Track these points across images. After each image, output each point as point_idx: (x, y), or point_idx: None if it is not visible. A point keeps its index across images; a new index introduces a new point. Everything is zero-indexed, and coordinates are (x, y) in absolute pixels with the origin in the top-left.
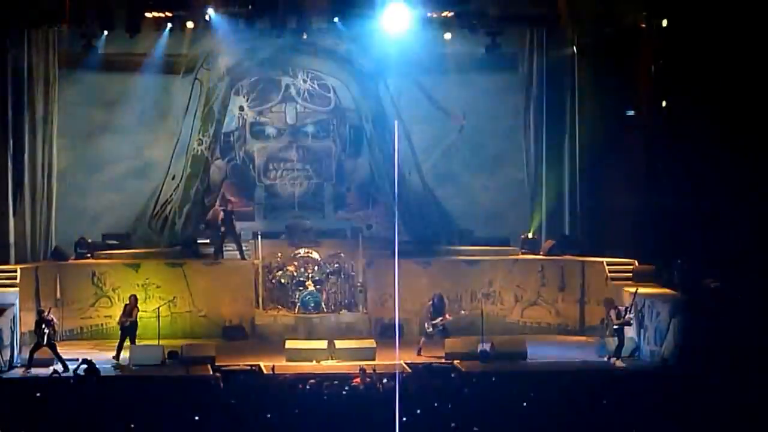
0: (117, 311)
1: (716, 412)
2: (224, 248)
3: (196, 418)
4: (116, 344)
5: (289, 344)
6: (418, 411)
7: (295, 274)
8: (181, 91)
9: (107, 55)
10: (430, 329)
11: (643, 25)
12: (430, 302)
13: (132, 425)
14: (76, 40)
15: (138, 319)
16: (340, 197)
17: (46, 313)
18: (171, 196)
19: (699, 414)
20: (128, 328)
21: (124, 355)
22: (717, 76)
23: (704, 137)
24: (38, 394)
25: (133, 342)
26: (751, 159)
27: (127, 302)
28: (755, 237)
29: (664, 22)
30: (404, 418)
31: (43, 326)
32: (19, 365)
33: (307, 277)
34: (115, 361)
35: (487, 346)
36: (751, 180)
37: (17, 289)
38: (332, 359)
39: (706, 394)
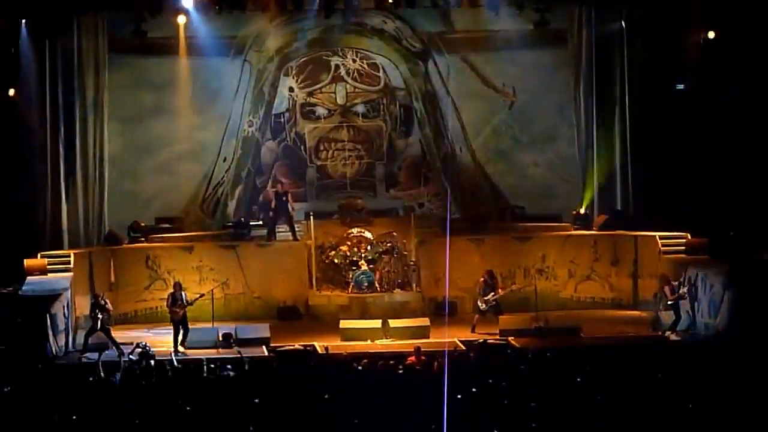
0: (167, 292)
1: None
2: (276, 229)
3: (256, 400)
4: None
5: (343, 324)
6: (474, 389)
7: (348, 253)
8: (231, 74)
9: (156, 38)
10: (483, 306)
11: None
12: (482, 279)
13: (188, 408)
14: (124, 24)
15: (188, 303)
16: (391, 176)
17: (100, 298)
18: (222, 178)
19: (755, 385)
20: (181, 321)
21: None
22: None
23: (754, 109)
24: (91, 379)
25: (186, 330)
26: None
27: (172, 290)
28: None
29: None
30: (459, 396)
31: (98, 311)
32: (73, 350)
33: (360, 257)
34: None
35: (541, 322)
36: None
37: (71, 274)
38: (386, 338)
39: (762, 365)
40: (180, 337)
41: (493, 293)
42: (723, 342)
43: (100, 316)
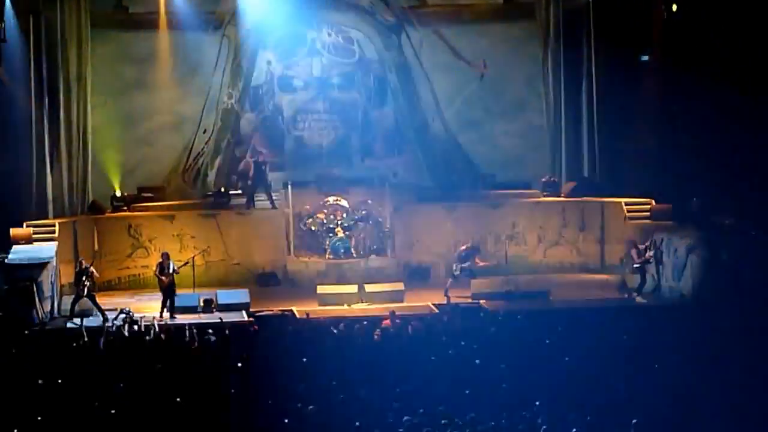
0: (153, 261)
1: (732, 345)
2: (255, 198)
3: (239, 365)
4: (155, 295)
5: (321, 289)
6: (449, 351)
7: (324, 221)
8: (210, 48)
9: (137, 14)
10: (458, 272)
11: None
12: (464, 247)
13: (170, 373)
14: None
15: (174, 272)
16: (366, 146)
17: (85, 265)
18: (203, 149)
19: (716, 347)
20: (168, 288)
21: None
22: (728, 20)
23: (717, 79)
24: (74, 345)
25: (173, 300)
26: (765, 98)
27: (160, 259)
28: None
29: None
30: (433, 357)
31: (83, 278)
32: (59, 316)
33: (337, 224)
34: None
35: (511, 286)
36: (765, 118)
37: (56, 242)
38: (362, 302)
39: (722, 327)
40: (168, 304)
41: (468, 263)
42: (686, 304)
43: (86, 283)
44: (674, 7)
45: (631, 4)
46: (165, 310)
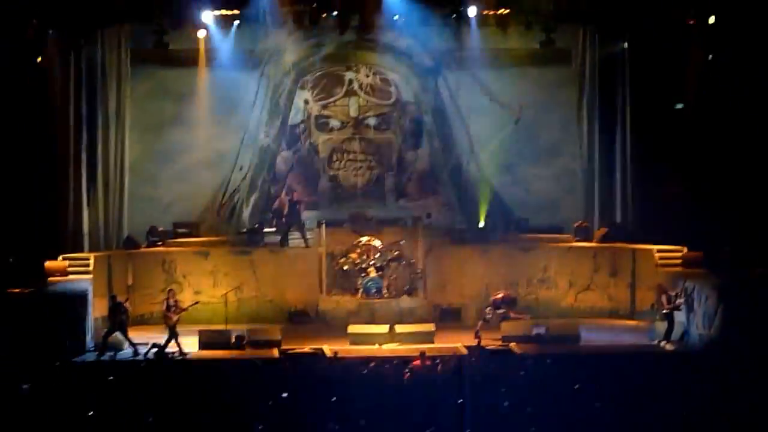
0: (187, 296)
1: (759, 394)
2: (289, 236)
3: (270, 403)
4: (186, 330)
5: (352, 328)
6: (478, 393)
7: (357, 261)
8: (249, 86)
9: (177, 51)
10: (490, 316)
11: (692, 21)
12: (501, 295)
13: (202, 407)
14: (147, 36)
15: (182, 310)
16: (401, 187)
17: (119, 300)
18: (238, 186)
19: (744, 395)
20: (173, 328)
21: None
22: (763, 69)
23: (751, 129)
24: (110, 378)
25: (174, 336)
26: None
27: (166, 297)
28: None
29: (712, 18)
30: (461, 400)
31: (117, 312)
32: (91, 349)
33: (369, 264)
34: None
35: (542, 330)
36: None
37: (90, 276)
38: (393, 343)
39: (750, 376)
40: (168, 341)
41: (505, 310)
42: (715, 353)
43: (119, 317)
44: (710, 57)
45: (667, 52)
46: (178, 346)
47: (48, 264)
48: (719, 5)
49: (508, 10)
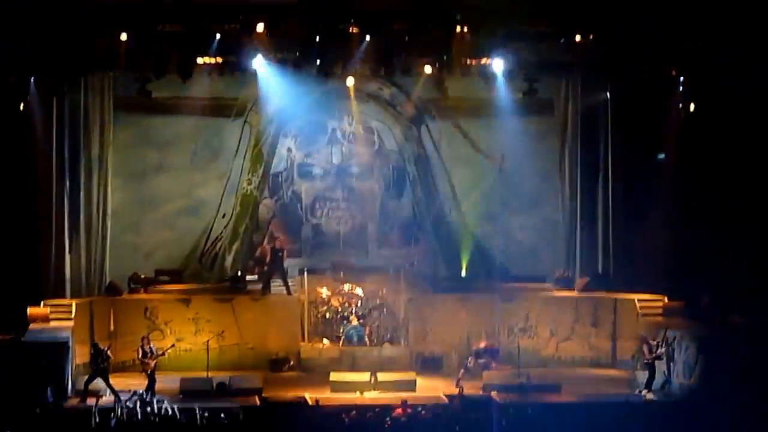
0: (169, 343)
1: None
2: (271, 284)
3: None
4: (169, 378)
5: (334, 376)
6: None
7: (339, 308)
8: (232, 133)
9: (160, 98)
10: (472, 365)
11: (673, 72)
12: (484, 345)
13: None
14: (130, 84)
15: (159, 354)
16: (383, 235)
17: (101, 347)
18: (221, 233)
19: None
20: (152, 374)
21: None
22: (744, 122)
23: (732, 180)
24: (87, 424)
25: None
26: None
27: (141, 343)
28: None
29: (693, 69)
30: None
31: (99, 359)
32: (72, 395)
33: (351, 312)
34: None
35: (523, 379)
36: None
37: (72, 322)
38: (375, 391)
39: (731, 425)
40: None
41: (487, 360)
42: (696, 402)
43: (101, 363)
44: (692, 107)
45: (649, 103)
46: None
47: (30, 310)
48: (701, 57)
49: (490, 61)
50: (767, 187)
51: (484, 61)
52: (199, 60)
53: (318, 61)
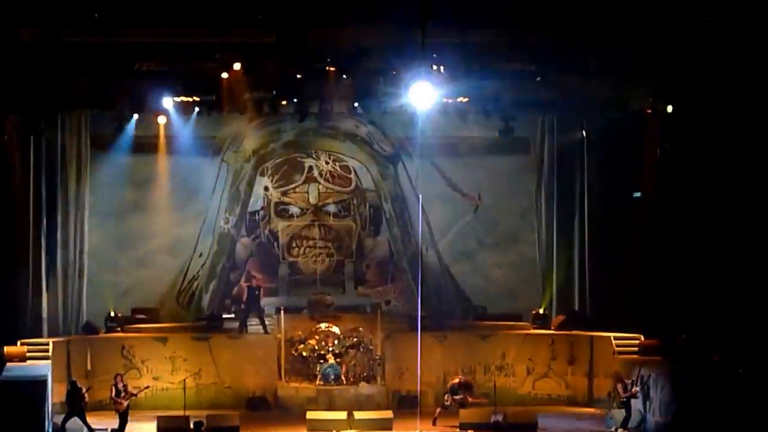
0: (145, 382)
1: None
2: (248, 323)
3: None
4: (146, 416)
5: (310, 415)
6: None
7: (316, 347)
8: (209, 172)
9: (137, 137)
10: (449, 402)
11: (649, 111)
12: (458, 380)
13: None
14: (107, 123)
15: (132, 395)
16: (360, 274)
17: (79, 385)
18: (198, 272)
19: None
20: (124, 412)
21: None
22: (720, 160)
23: (708, 218)
24: None
25: (125, 422)
26: (754, 239)
27: (114, 381)
28: (757, 313)
29: (669, 108)
30: None
31: (76, 397)
32: None
33: (328, 351)
34: None
35: (499, 417)
36: (752, 258)
37: (49, 361)
38: (351, 429)
39: None
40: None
41: (463, 396)
42: None
43: (79, 402)
44: (667, 146)
45: (624, 141)
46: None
47: (7, 349)
48: (677, 95)
49: (467, 99)
50: (744, 225)
51: (460, 99)
52: (176, 99)
53: (295, 100)
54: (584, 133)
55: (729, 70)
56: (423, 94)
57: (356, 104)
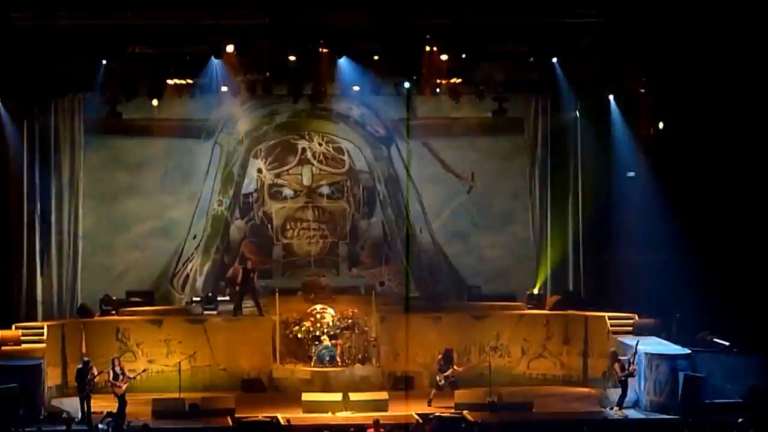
0: (140, 365)
1: None
2: (243, 305)
3: None
4: (141, 399)
5: (306, 397)
6: None
7: (311, 329)
8: (202, 155)
9: (131, 120)
10: (442, 381)
11: (642, 90)
12: (440, 356)
13: None
14: (100, 106)
15: (130, 378)
16: (354, 255)
17: (91, 365)
18: (192, 254)
19: None
20: (122, 396)
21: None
22: (714, 138)
23: (703, 197)
24: None
25: (124, 405)
26: (749, 217)
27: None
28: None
29: (663, 87)
30: None
31: (88, 376)
32: (44, 418)
33: (323, 332)
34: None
35: (494, 397)
36: (747, 237)
37: (44, 345)
38: (347, 411)
39: None
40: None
41: (451, 370)
42: (667, 419)
43: (90, 381)
44: (660, 125)
45: (619, 120)
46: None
47: (1, 333)
48: (670, 74)
49: (460, 80)
50: (738, 205)
51: (453, 80)
52: (169, 81)
53: (288, 82)
54: (577, 113)
55: (721, 46)
56: (415, 76)
57: (351, 86)
